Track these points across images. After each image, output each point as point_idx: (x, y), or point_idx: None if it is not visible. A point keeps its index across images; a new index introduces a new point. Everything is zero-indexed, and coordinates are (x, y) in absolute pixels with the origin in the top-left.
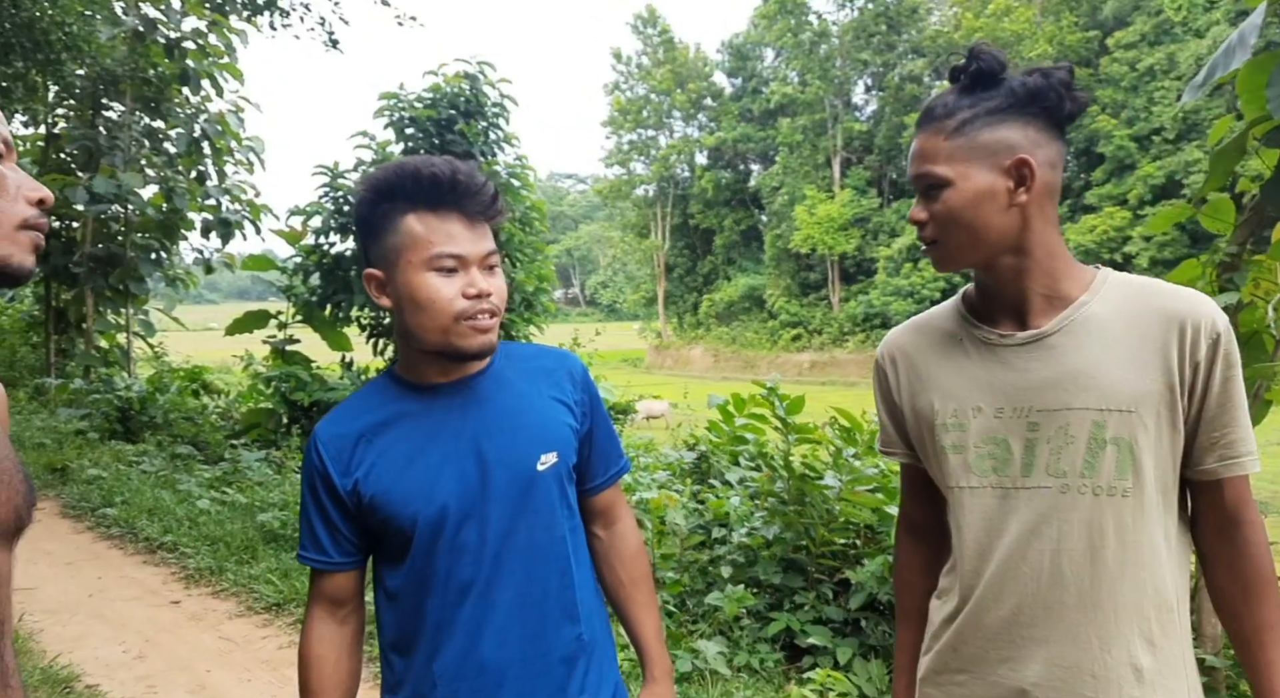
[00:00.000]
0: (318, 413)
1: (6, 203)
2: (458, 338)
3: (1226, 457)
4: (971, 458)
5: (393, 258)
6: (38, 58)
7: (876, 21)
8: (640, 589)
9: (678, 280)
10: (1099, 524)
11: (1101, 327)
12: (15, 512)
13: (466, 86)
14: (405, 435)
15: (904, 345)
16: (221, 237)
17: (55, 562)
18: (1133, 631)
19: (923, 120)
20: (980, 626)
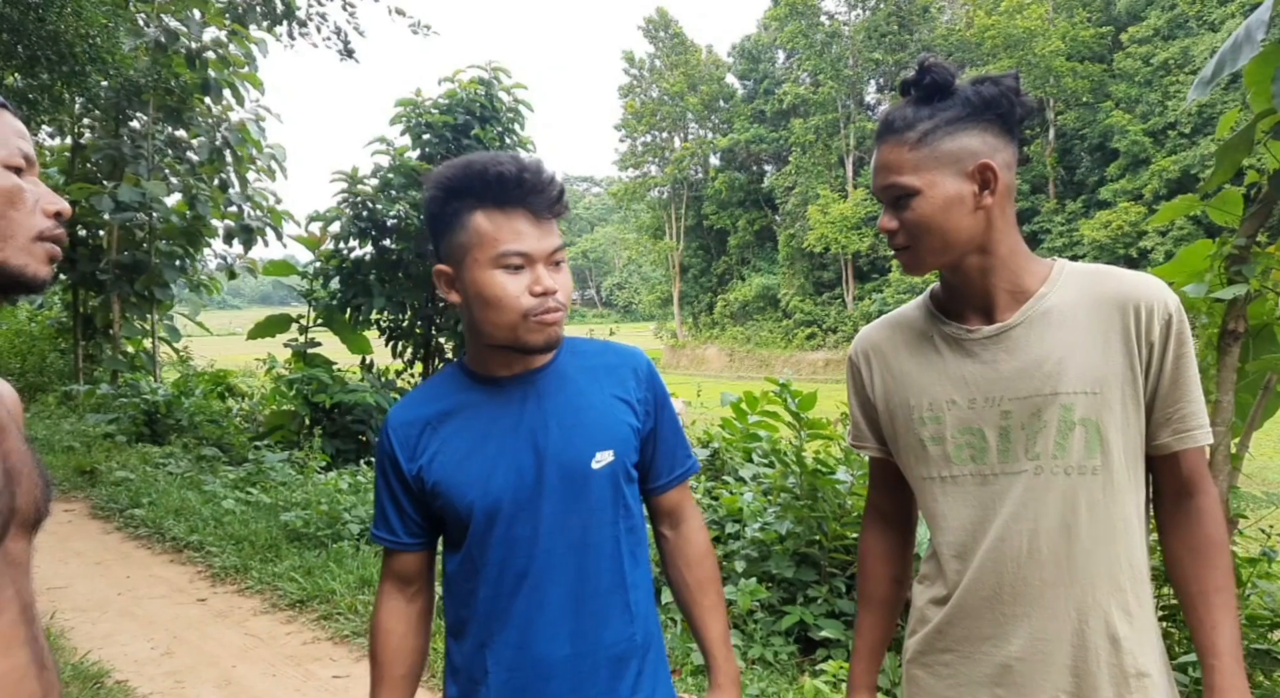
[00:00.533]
0: (339, 415)
1: (24, 216)
2: (525, 333)
3: (1180, 430)
4: (950, 449)
5: (460, 255)
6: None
7: (888, 21)
8: (707, 592)
9: (692, 281)
10: (1071, 502)
11: (1061, 315)
12: (34, 504)
13: (481, 92)
14: (467, 426)
15: (877, 343)
16: (244, 243)
17: (85, 561)
18: (1109, 602)
19: (883, 133)
20: (966, 607)
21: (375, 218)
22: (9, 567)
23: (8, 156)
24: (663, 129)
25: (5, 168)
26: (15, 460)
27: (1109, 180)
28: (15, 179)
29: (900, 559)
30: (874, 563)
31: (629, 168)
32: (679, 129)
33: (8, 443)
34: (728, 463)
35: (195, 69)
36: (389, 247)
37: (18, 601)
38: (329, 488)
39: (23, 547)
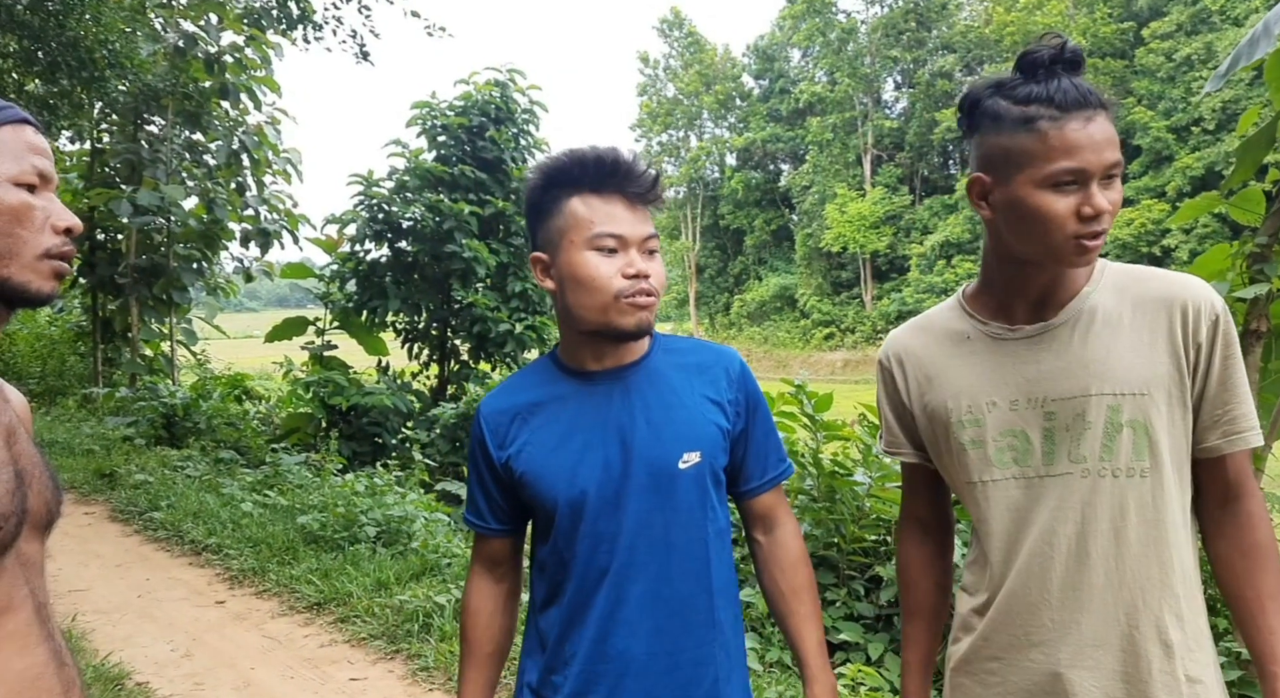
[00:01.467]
0: (355, 417)
1: (32, 233)
2: (616, 315)
3: (1230, 433)
4: (992, 451)
5: (556, 239)
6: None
7: (906, 18)
8: (802, 600)
9: (709, 281)
10: (1120, 505)
11: (1107, 314)
12: (46, 506)
13: (497, 94)
14: (557, 418)
15: (909, 346)
16: (261, 246)
17: (105, 564)
18: (1161, 606)
19: (1080, 105)
20: (1011, 613)
21: (391, 220)
22: (22, 567)
23: (20, 174)
24: (678, 128)
25: (15, 184)
26: (26, 463)
27: (1131, 178)
28: (24, 196)
29: (941, 566)
30: (916, 573)
31: None
32: (694, 128)
33: (18, 446)
34: None
35: (213, 73)
36: (405, 249)
37: (32, 600)
38: (346, 490)
39: (36, 548)
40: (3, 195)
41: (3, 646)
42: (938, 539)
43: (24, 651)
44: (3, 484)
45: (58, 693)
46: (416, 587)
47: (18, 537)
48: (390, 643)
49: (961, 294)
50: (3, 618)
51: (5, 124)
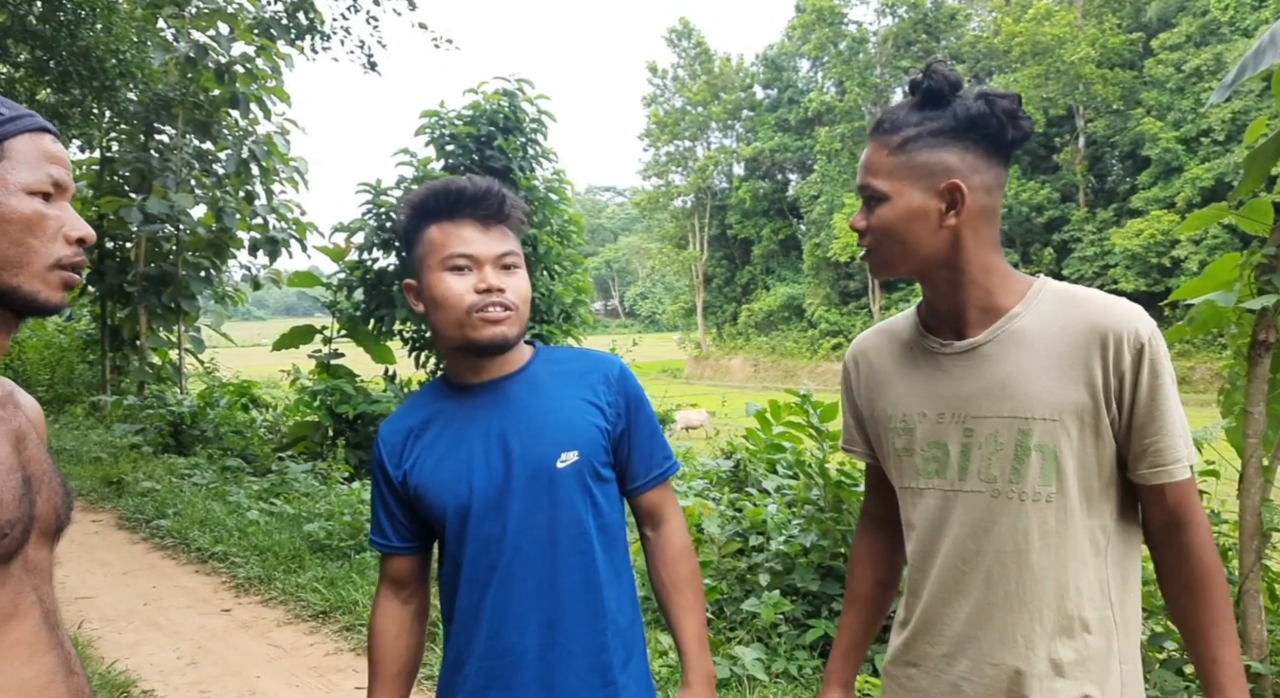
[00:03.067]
0: (362, 425)
1: (43, 243)
2: (470, 330)
3: (1156, 464)
4: (918, 461)
5: (419, 265)
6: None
7: (916, 29)
8: (682, 591)
9: (716, 291)
10: (1024, 529)
11: (1030, 337)
12: (55, 512)
13: (505, 103)
14: (444, 432)
15: (866, 350)
16: (269, 254)
17: (112, 572)
18: (1055, 628)
19: (873, 131)
20: (926, 622)
21: (398, 229)
22: (30, 574)
23: (34, 182)
24: (686, 138)
25: (30, 193)
26: (35, 469)
27: (1141, 188)
28: (38, 205)
29: (887, 563)
30: (860, 565)
31: (652, 177)
32: (702, 138)
33: (28, 451)
34: (751, 474)
35: (224, 83)
36: None
37: (40, 607)
38: (352, 499)
39: (44, 554)
40: (15, 204)
41: (10, 652)
42: (888, 536)
43: (32, 658)
44: (10, 490)
45: None
46: None
47: (25, 543)
48: None
49: (917, 305)
50: (9, 625)
51: (23, 132)
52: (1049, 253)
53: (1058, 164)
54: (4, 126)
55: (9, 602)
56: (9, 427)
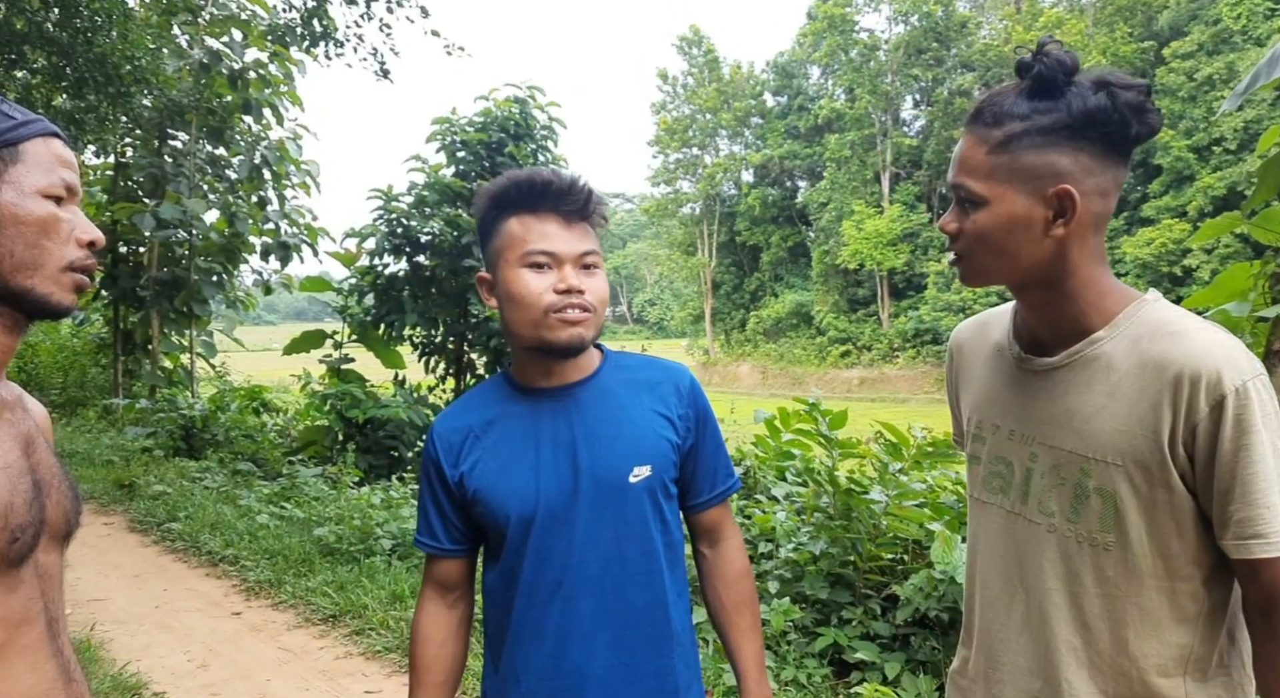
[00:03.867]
0: (371, 430)
1: (56, 246)
2: (547, 330)
3: (1240, 537)
4: (984, 474)
5: (495, 258)
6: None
7: (927, 37)
8: (742, 614)
9: (725, 297)
10: (1076, 571)
11: (1108, 368)
12: (65, 516)
13: (516, 110)
14: (509, 435)
15: (964, 341)
16: (281, 259)
17: (124, 574)
18: (1110, 687)
19: (971, 120)
20: (983, 641)
21: (410, 234)
22: (39, 579)
23: (48, 186)
24: (695, 145)
25: (44, 197)
26: (44, 473)
27: (1152, 197)
28: (53, 208)
29: None
30: None
31: (661, 184)
32: (711, 145)
33: (37, 455)
34: (760, 481)
35: (237, 89)
36: (423, 263)
37: (45, 614)
38: (361, 503)
39: (54, 559)
40: (31, 207)
41: (16, 660)
42: None
43: (35, 666)
44: (20, 494)
45: None
46: None
47: (35, 547)
48: (404, 656)
49: (1016, 306)
50: (20, 631)
51: (35, 136)
52: None
53: None
54: (18, 131)
55: (20, 607)
56: (18, 431)
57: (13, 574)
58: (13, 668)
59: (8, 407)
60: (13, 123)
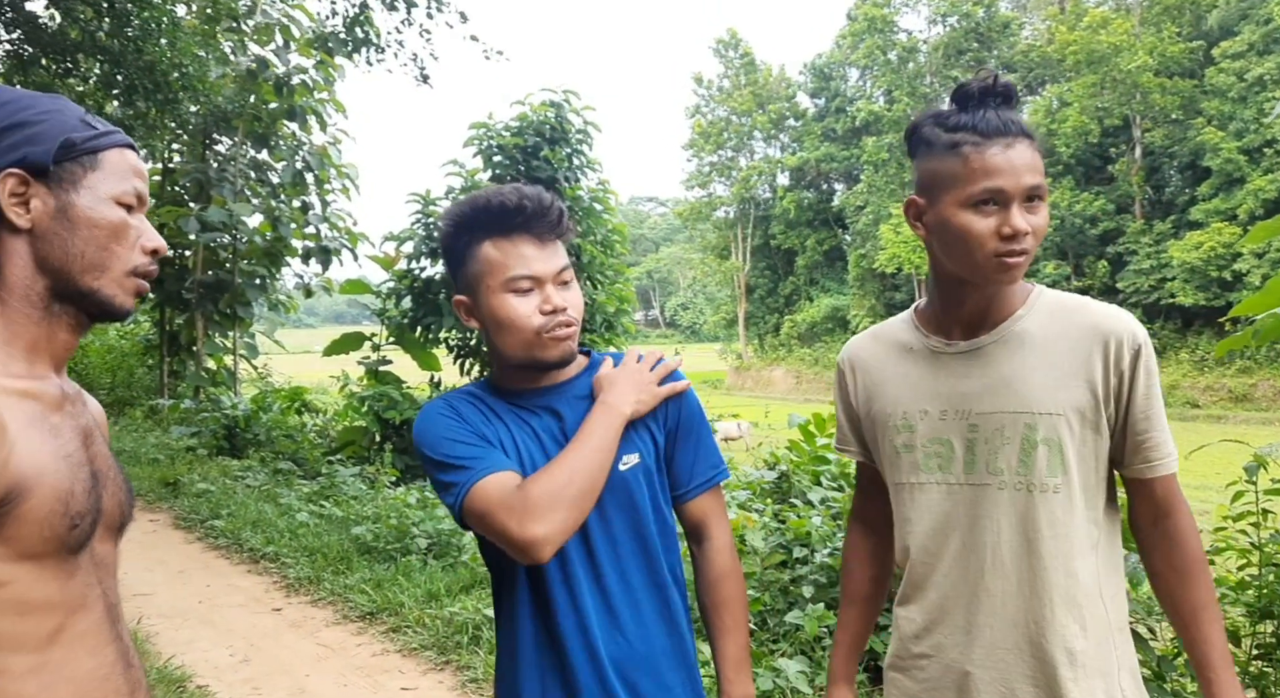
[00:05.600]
0: (408, 431)
1: (125, 250)
2: (539, 350)
3: (1150, 459)
4: (920, 457)
5: (475, 284)
6: (157, 97)
7: (967, 38)
8: (722, 614)
9: (758, 301)
10: (1032, 518)
11: (1033, 338)
12: (119, 508)
13: (552, 115)
14: (507, 426)
15: (861, 353)
16: (321, 263)
17: (169, 570)
18: (1067, 617)
19: (1002, 132)
20: (938, 613)
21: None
22: (95, 567)
23: (121, 193)
24: (730, 148)
25: (117, 203)
26: (101, 465)
27: (1200, 200)
28: (124, 214)
29: (880, 560)
30: (855, 563)
31: (695, 187)
32: (746, 148)
33: (95, 447)
34: (795, 486)
35: (281, 96)
36: None
37: (103, 600)
38: (398, 503)
39: (109, 549)
40: (105, 211)
41: (75, 644)
42: (881, 534)
43: (94, 650)
44: (80, 483)
45: (124, 694)
46: (466, 599)
47: (92, 535)
48: (440, 654)
49: (913, 309)
50: (76, 616)
51: (113, 147)
52: (1103, 266)
53: (1113, 175)
54: (99, 140)
55: (78, 593)
56: (78, 423)
57: (71, 561)
58: (73, 652)
59: (69, 400)
60: (95, 133)
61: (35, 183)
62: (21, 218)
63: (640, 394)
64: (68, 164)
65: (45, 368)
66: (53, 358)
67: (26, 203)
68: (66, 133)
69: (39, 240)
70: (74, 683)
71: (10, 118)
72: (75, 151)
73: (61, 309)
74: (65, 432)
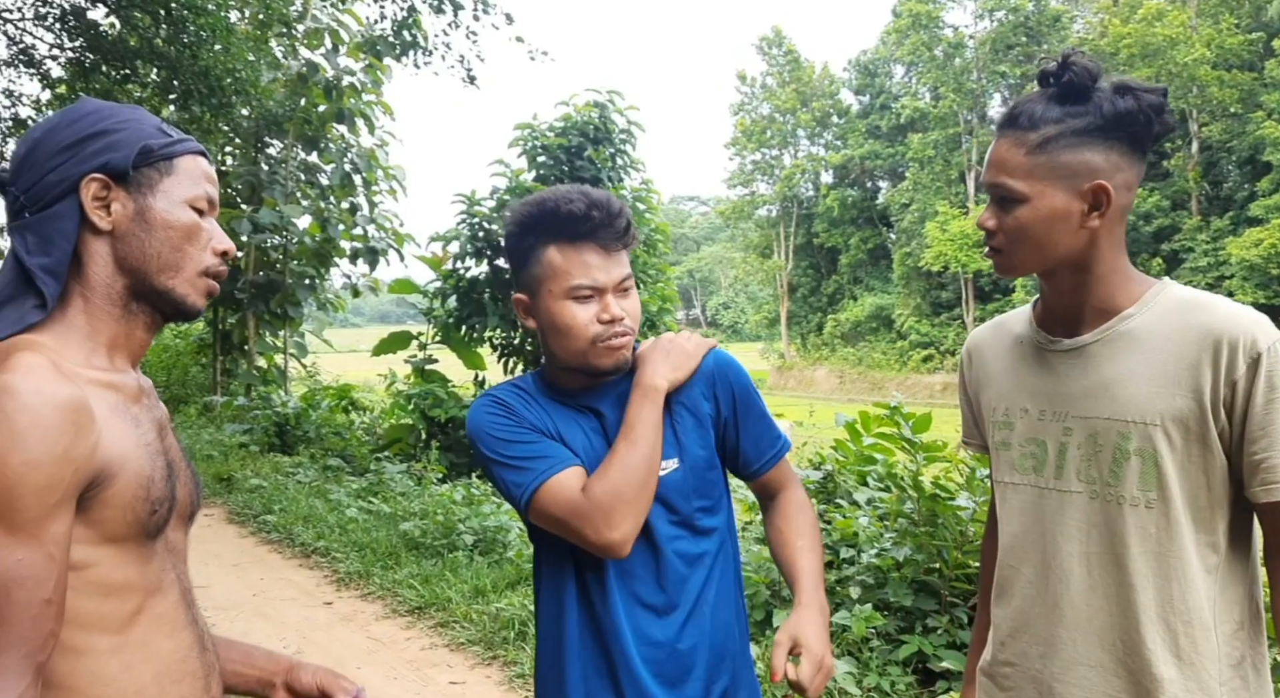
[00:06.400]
0: (453, 429)
1: (197, 252)
2: (594, 358)
3: (1268, 481)
4: (1015, 456)
5: (536, 286)
6: (212, 102)
7: (1016, 33)
8: (801, 534)
9: (801, 301)
10: (1121, 532)
11: (1139, 340)
12: (190, 498)
13: (596, 115)
14: (553, 420)
15: (979, 343)
16: (369, 263)
17: (224, 563)
18: (1157, 641)
19: (1005, 125)
20: (1021, 620)
21: (491, 238)
22: (170, 553)
23: (194, 197)
24: (773, 146)
25: (190, 207)
26: (174, 455)
27: (1260, 195)
28: (196, 217)
29: None
30: (988, 560)
31: (737, 186)
32: (789, 146)
33: (168, 439)
34: (841, 486)
35: (331, 99)
36: (504, 266)
37: (179, 585)
38: (445, 499)
39: (181, 537)
40: (179, 214)
41: (154, 626)
42: None
43: (172, 633)
44: (158, 471)
45: (200, 676)
46: (512, 595)
47: (168, 522)
48: (487, 649)
49: (1035, 301)
50: (154, 599)
51: (187, 154)
52: (1158, 263)
53: (1168, 170)
54: (174, 147)
55: (155, 577)
56: (153, 416)
57: (149, 546)
58: (152, 633)
59: (145, 393)
60: (170, 140)
61: (116, 187)
62: (103, 220)
63: (672, 363)
64: (145, 169)
65: (124, 363)
66: (130, 354)
67: (108, 206)
68: (144, 140)
69: (119, 242)
70: (153, 663)
71: (92, 127)
72: (152, 157)
73: (139, 308)
74: (144, 422)
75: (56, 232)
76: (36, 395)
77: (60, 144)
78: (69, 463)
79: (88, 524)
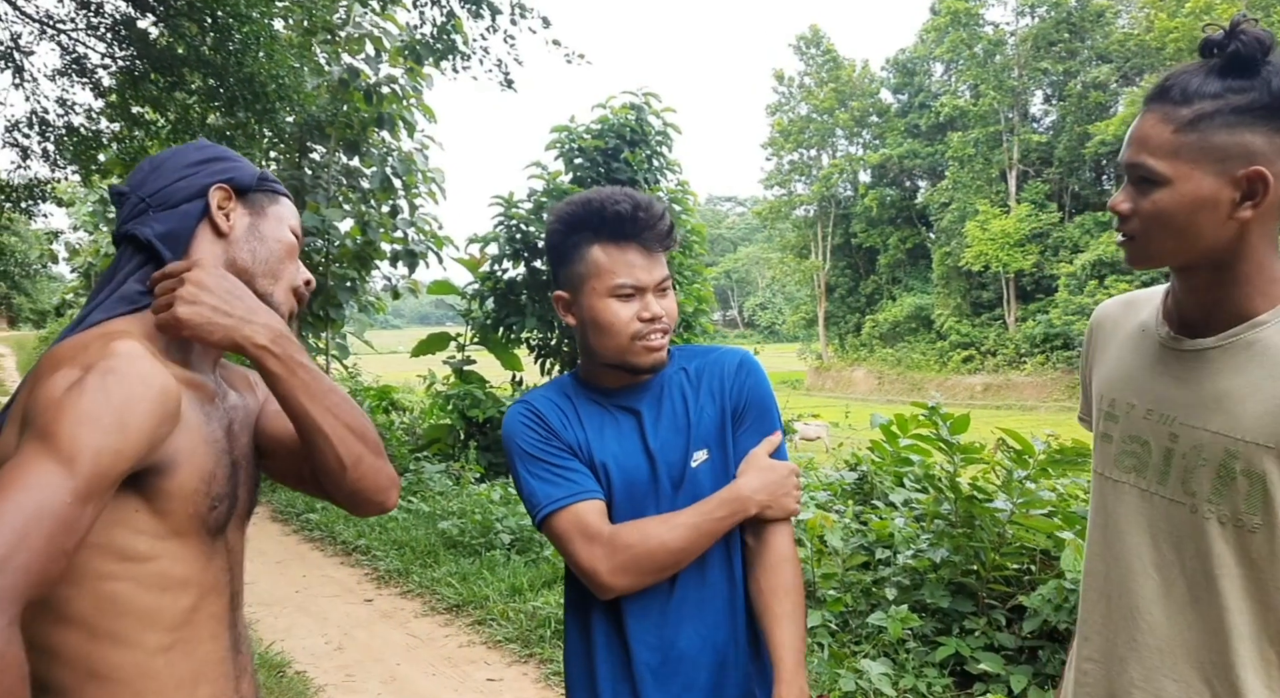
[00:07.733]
0: (491, 429)
1: (294, 269)
2: (633, 356)
3: None
4: (1115, 452)
5: (578, 283)
6: (256, 108)
7: (1058, 28)
8: (780, 600)
9: (839, 301)
10: (1220, 552)
11: (1266, 353)
12: (249, 498)
13: (632, 117)
14: (588, 420)
15: (1105, 319)
16: (409, 266)
17: (268, 561)
18: (1247, 667)
19: (1154, 98)
20: (1106, 619)
21: (528, 240)
22: (227, 554)
23: (294, 227)
24: (810, 146)
25: (292, 233)
26: (240, 455)
27: None
28: (294, 241)
29: None
30: None
31: (774, 186)
32: (827, 146)
33: (237, 439)
34: (878, 487)
35: (372, 104)
36: (541, 268)
37: (229, 588)
38: (482, 499)
39: (238, 537)
40: (284, 234)
41: (203, 626)
42: None
43: (215, 634)
44: (222, 468)
45: (232, 678)
46: (548, 594)
47: (229, 520)
48: (524, 647)
49: (1169, 288)
50: (209, 598)
51: (285, 196)
52: None
53: None
54: (277, 185)
55: (214, 577)
56: (226, 416)
57: (210, 544)
58: (199, 633)
59: (220, 395)
60: (274, 180)
61: (236, 199)
62: (224, 224)
63: (772, 497)
64: (259, 194)
65: (205, 364)
66: (210, 357)
67: (228, 214)
68: (259, 172)
69: (232, 246)
70: (193, 663)
71: (215, 152)
72: (266, 185)
73: None
74: (215, 420)
75: (180, 225)
76: (139, 375)
77: (189, 160)
78: (148, 442)
79: (154, 515)
